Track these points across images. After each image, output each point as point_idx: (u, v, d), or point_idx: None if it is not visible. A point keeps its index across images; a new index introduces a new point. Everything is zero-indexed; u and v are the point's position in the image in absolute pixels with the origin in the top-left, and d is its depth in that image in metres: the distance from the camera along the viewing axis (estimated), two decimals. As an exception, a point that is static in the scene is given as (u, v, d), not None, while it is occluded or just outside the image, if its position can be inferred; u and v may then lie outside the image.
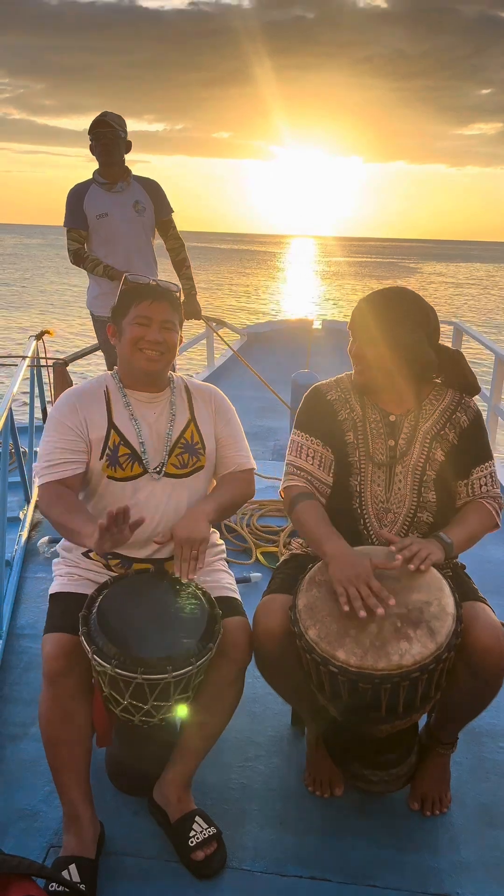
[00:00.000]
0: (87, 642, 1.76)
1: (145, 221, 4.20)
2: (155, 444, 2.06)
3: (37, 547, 3.59)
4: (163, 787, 1.97)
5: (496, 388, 5.35)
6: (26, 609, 3.07)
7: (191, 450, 2.08)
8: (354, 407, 2.05)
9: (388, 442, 2.01)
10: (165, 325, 2.02)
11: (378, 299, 1.95)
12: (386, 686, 1.63)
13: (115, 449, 2.02)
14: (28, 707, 2.44)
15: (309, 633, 1.73)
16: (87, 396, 2.07)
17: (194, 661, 1.73)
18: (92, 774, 1.93)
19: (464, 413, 2.02)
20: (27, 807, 2.06)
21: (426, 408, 2.03)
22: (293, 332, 9.22)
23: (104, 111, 4.10)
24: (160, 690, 1.72)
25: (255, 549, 3.60)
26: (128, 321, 2.03)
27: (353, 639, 1.68)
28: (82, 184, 4.17)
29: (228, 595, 2.07)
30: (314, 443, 2.05)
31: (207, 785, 2.13)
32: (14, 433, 3.91)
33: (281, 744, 2.34)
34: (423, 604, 1.72)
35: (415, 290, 2.00)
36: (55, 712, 1.86)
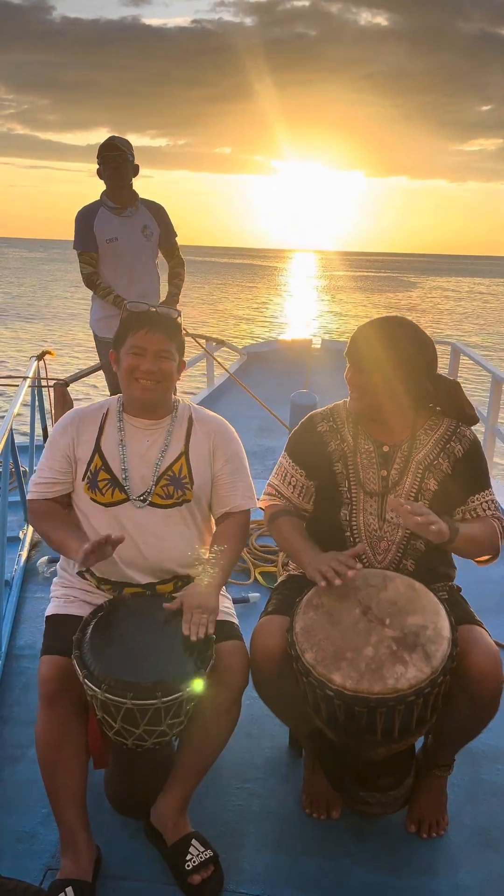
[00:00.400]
0: (78, 666, 1.77)
1: (152, 246, 4.26)
2: (142, 472, 2.06)
3: (36, 566, 3.60)
4: (159, 809, 1.97)
5: (493, 408, 5.37)
6: (25, 629, 3.07)
7: (177, 483, 2.07)
8: (346, 437, 2.06)
9: (381, 472, 2.02)
10: (161, 354, 2.04)
11: (376, 328, 1.96)
12: (381, 710, 1.65)
13: (95, 472, 2.05)
14: (27, 728, 2.44)
15: (306, 656, 1.74)
16: (83, 418, 2.13)
17: (184, 686, 1.74)
18: (89, 796, 1.93)
19: (458, 442, 2.03)
20: (25, 829, 2.06)
21: (421, 437, 2.04)
22: (293, 351, 9.25)
23: (112, 135, 4.16)
24: (151, 716, 1.73)
25: (253, 568, 3.61)
26: (125, 350, 2.06)
27: (349, 662, 1.69)
28: (91, 206, 4.21)
29: (225, 619, 2.08)
30: (298, 472, 2.12)
31: (204, 807, 2.13)
32: (14, 453, 3.93)
33: (278, 766, 2.34)
34: (419, 627, 1.74)
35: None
36: (51, 734, 1.87)
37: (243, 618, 2.21)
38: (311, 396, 5.22)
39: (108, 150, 4.05)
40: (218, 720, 1.93)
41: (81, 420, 2.12)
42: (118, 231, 4.15)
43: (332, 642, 1.74)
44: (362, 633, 1.74)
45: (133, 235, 4.18)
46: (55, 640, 1.95)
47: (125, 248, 4.16)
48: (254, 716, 2.40)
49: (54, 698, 1.86)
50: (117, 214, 4.16)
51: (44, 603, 3.22)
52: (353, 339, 1.99)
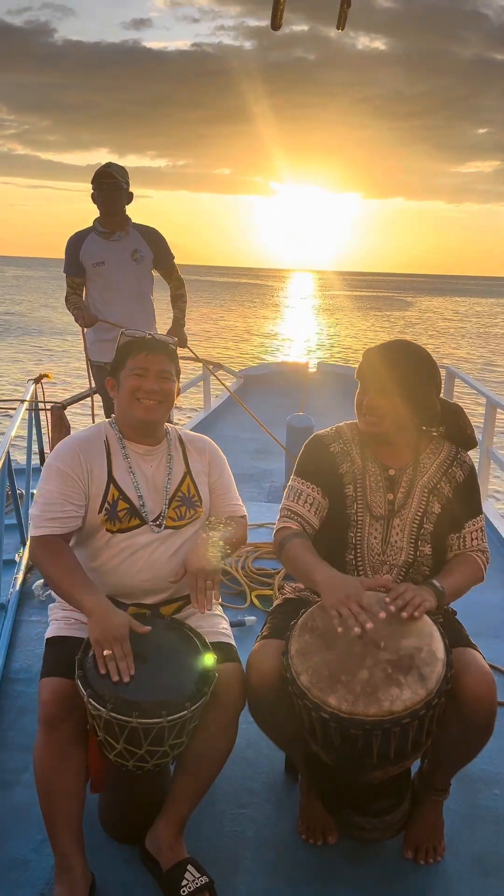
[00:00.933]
0: (82, 686, 1.77)
1: (143, 270, 4.30)
2: (153, 497, 2.09)
3: (32, 590, 3.59)
4: (155, 834, 1.95)
5: (488, 431, 5.40)
6: (21, 653, 3.06)
7: (188, 502, 2.12)
8: (355, 460, 2.07)
9: (388, 496, 2.03)
10: (162, 374, 2.06)
11: (390, 350, 1.97)
12: (377, 732, 1.65)
13: (114, 503, 2.04)
14: (21, 753, 2.43)
15: (301, 678, 1.74)
16: (89, 446, 2.08)
17: (189, 705, 1.74)
18: (85, 821, 1.91)
19: (459, 468, 2.06)
20: (18, 856, 2.04)
21: (424, 461, 2.05)
22: (289, 374, 9.31)
23: (108, 162, 4.22)
24: (154, 735, 1.73)
25: (249, 592, 3.61)
26: (125, 373, 2.07)
27: (344, 685, 1.69)
28: (81, 232, 4.29)
29: (223, 640, 2.09)
30: (313, 489, 2.07)
31: (200, 832, 2.11)
32: (11, 475, 3.94)
33: (274, 790, 2.33)
34: (414, 650, 1.74)
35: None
36: (51, 758, 1.85)
37: (239, 641, 2.21)
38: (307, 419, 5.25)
39: (103, 177, 4.11)
40: (215, 743, 1.93)
41: (87, 449, 2.07)
42: (105, 255, 4.22)
43: (327, 665, 1.74)
44: (357, 656, 1.74)
45: (120, 259, 4.23)
46: (56, 662, 1.94)
47: (111, 272, 4.22)
48: (250, 740, 2.39)
49: (54, 722, 1.85)
50: (105, 238, 4.23)
51: (40, 626, 3.22)
52: (366, 362, 1.98)
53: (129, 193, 4.23)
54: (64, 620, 2.10)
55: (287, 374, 9.34)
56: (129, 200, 4.25)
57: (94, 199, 4.20)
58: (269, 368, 9.92)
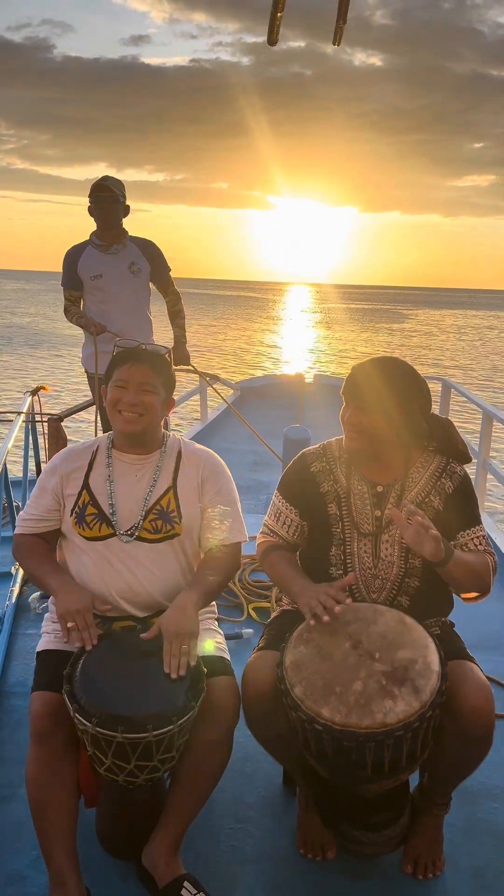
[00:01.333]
0: (69, 700, 1.76)
1: (140, 282, 4.32)
2: (130, 507, 2.08)
3: (28, 603, 3.57)
4: (151, 850, 1.93)
5: (485, 443, 5.40)
6: (17, 666, 3.04)
7: (165, 517, 2.08)
8: (339, 478, 2.07)
9: (375, 512, 2.03)
10: (143, 387, 2.06)
11: (374, 366, 1.98)
12: (370, 744, 1.63)
13: (83, 507, 2.07)
14: (16, 767, 2.41)
15: (295, 690, 1.73)
16: (73, 456, 2.16)
17: (175, 719, 1.73)
18: (79, 837, 1.90)
19: (449, 479, 2.04)
20: (13, 871, 2.03)
21: (413, 476, 2.04)
22: (286, 386, 9.33)
23: (105, 175, 4.25)
24: (142, 750, 1.71)
25: (246, 604, 3.59)
26: (110, 385, 2.10)
27: (338, 696, 1.68)
28: (78, 246, 4.31)
29: (216, 655, 2.07)
30: (291, 511, 2.13)
31: (196, 848, 2.09)
32: (7, 487, 3.93)
33: (272, 804, 2.31)
34: (409, 661, 1.73)
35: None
36: (42, 772, 1.85)
37: (236, 654, 2.20)
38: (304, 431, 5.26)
39: (100, 191, 4.13)
40: (209, 757, 1.92)
41: (70, 458, 2.16)
42: (102, 268, 4.24)
43: (321, 676, 1.73)
44: (352, 668, 1.74)
45: (118, 271, 4.25)
46: (46, 675, 1.94)
47: (109, 284, 4.24)
48: (247, 753, 2.37)
49: (45, 735, 1.85)
50: (103, 251, 4.25)
51: (35, 639, 3.19)
52: (350, 378, 1.99)
53: (126, 206, 4.25)
54: (54, 633, 2.10)
55: (284, 386, 9.36)
56: (126, 213, 4.27)
57: (90, 212, 4.23)
58: (265, 380, 9.94)
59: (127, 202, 4.25)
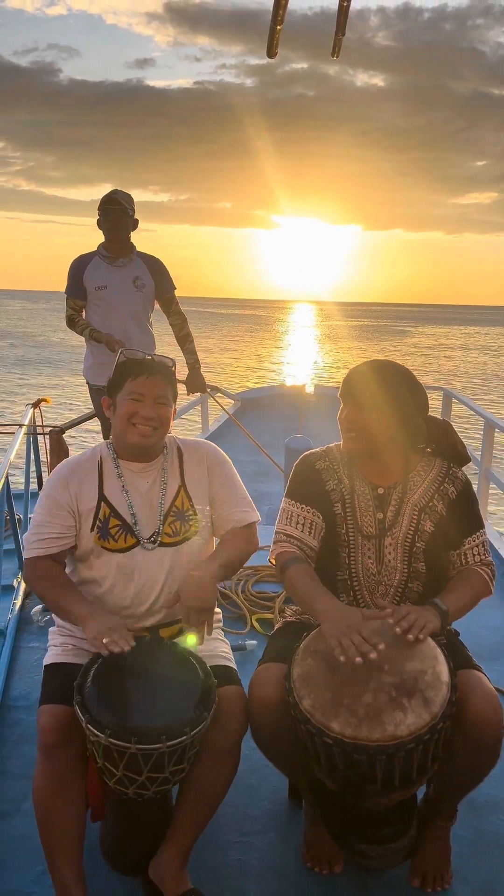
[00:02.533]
0: (80, 711, 1.75)
1: (144, 297, 4.32)
2: (148, 514, 2.08)
3: (31, 616, 3.56)
4: (158, 864, 1.92)
5: (486, 452, 5.39)
6: (20, 680, 3.03)
7: (181, 517, 2.09)
8: (343, 479, 2.07)
9: (377, 515, 2.03)
10: (159, 400, 2.06)
11: (370, 367, 2.00)
12: (381, 757, 1.62)
13: (105, 521, 2.05)
14: (21, 782, 2.39)
15: (304, 703, 1.72)
16: (79, 469, 2.11)
17: (188, 730, 1.72)
18: (86, 852, 1.88)
19: (451, 484, 2.04)
20: (19, 887, 2.01)
21: (414, 479, 2.05)
22: (286, 397, 9.33)
23: (115, 189, 4.25)
24: (154, 761, 1.70)
25: (249, 616, 3.57)
26: (122, 396, 2.07)
27: (347, 709, 1.67)
28: (86, 255, 4.31)
29: (224, 664, 2.07)
30: (304, 510, 2.06)
31: (203, 861, 2.08)
32: (10, 500, 3.92)
33: (279, 817, 2.29)
34: (418, 672, 1.73)
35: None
36: (50, 786, 1.83)
37: (240, 665, 2.19)
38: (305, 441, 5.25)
39: (110, 203, 4.15)
40: (217, 769, 1.90)
41: (78, 472, 2.10)
42: (107, 279, 4.24)
43: (330, 689, 1.72)
44: (361, 680, 1.72)
45: (123, 284, 4.26)
46: (55, 689, 1.93)
47: (113, 296, 4.24)
48: (253, 766, 2.36)
49: (54, 749, 1.83)
50: (109, 263, 4.25)
51: (39, 652, 3.19)
52: (347, 379, 2.01)
53: (135, 220, 4.27)
54: (62, 646, 2.09)
55: (284, 397, 9.36)
56: (135, 227, 4.29)
57: (99, 225, 4.23)
58: (266, 391, 9.94)
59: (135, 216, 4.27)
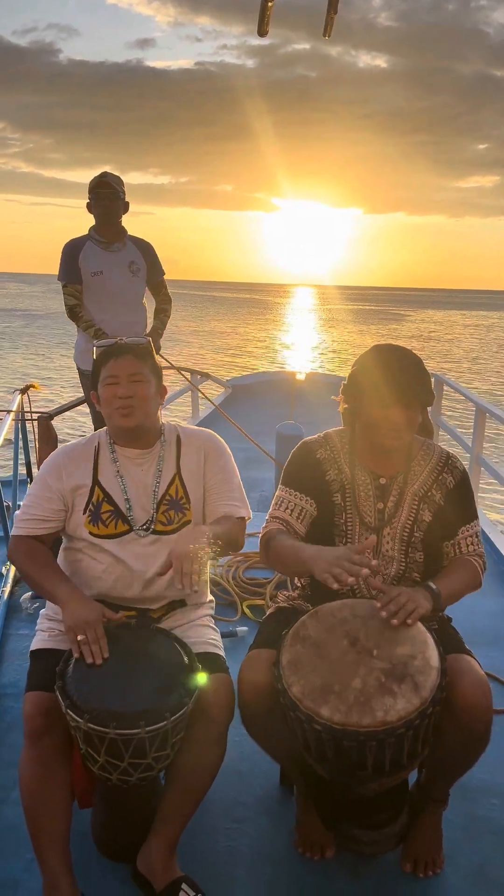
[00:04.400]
0: (61, 696, 1.74)
1: (139, 281, 4.28)
2: (142, 501, 2.05)
3: (20, 603, 3.53)
4: (147, 853, 1.91)
5: (478, 438, 5.39)
6: (9, 667, 3.01)
7: (175, 506, 2.07)
8: (343, 468, 2.03)
9: (377, 505, 2.00)
10: (134, 377, 2.02)
11: (392, 357, 1.88)
12: (371, 743, 1.61)
13: (97, 505, 2.03)
14: (9, 770, 2.37)
15: (292, 689, 1.70)
16: (75, 454, 2.09)
17: (169, 715, 1.70)
18: (74, 840, 1.87)
19: (450, 474, 2.02)
20: (7, 875, 1.99)
21: (415, 468, 2.02)
22: (278, 383, 9.30)
23: (104, 171, 4.19)
24: (135, 747, 1.69)
25: (240, 602, 3.56)
26: (101, 385, 2.05)
27: (336, 695, 1.66)
28: (78, 239, 4.23)
29: (211, 651, 2.05)
30: (298, 497, 2.03)
31: (193, 849, 2.06)
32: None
33: (269, 804, 2.28)
34: (408, 657, 1.71)
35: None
36: (35, 773, 1.82)
37: (231, 651, 2.17)
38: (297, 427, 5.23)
39: (100, 186, 4.09)
40: (204, 756, 1.89)
41: (72, 457, 2.08)
42: (103, 265, 4.17)
43: (319, 675, 1.70)
44: (350, 665, 1.71)
45: (119, 270, 4.20)
46: (40, 675, 1.91)
47: (110, 282, 4.18)
48: (243, 752, 2.34)
49: (39, 736, 1.82)
50: (104, 249, 4.19)
51: (27, 640, 3.15)
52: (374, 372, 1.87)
53: (126, 203, 4.22)
54: (48, 631, 2.07)
55: (276, 384, 9.33)
56: (126, 210, 4.24)
57: (89, 208, 4.17)
58: (257, 378, 9.91)
59: (126, 199, 4.21)
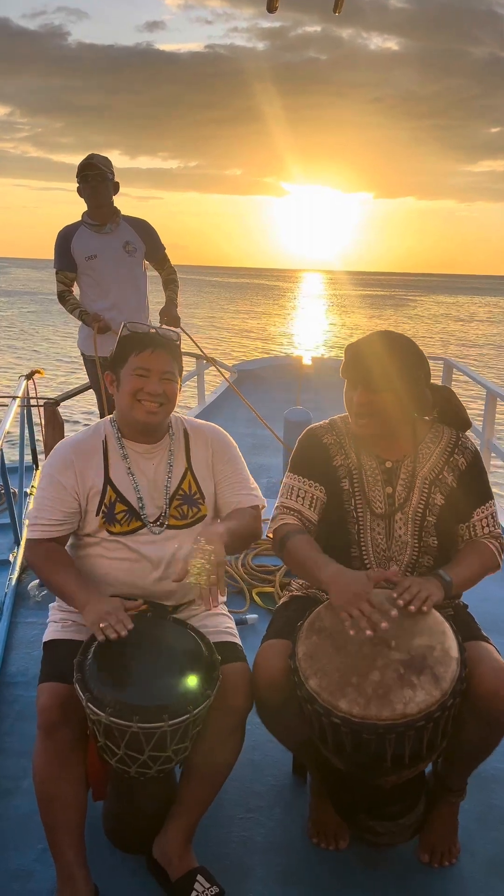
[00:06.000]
0: (80, 689, 1.71)
1: (136, 261, 4.24)
2: (154, 497, 2.02)
3: (27, 590, 3.51)
4: (163, 843, 1.90)
5: (488, 423, 5.35)
6: (17, 656, 2.99)
7: (189, 501, 2.03)
8: (350, 454, 2.00)
9: (386, 489, 1.97)
10: (165, 375, 1.97)
11: (376, 343, 1.90)
12: (390, 736, 1.59)
13: (111, 505, 1.99)
14: (20, 759, 2.36)
15: (309, 682, 1.68)
16: (83, 449, 2.03)
17: (191, 708, 1.68)
18: (87, 831, 1.86)
19: (461, 455, 1.99)
20: (20, 867, 1.98)
21: (423, 451, 1.99)
22: (284, 368, 9.23)
23: (91, 153, 4.13)
24: (156, 740, 1.67)
25: (249, 590, 3.53)
26: (126, 371, 1.98)
27: (355, 688, 1.63)
28: (71, 226, 4.21)
29: (228, 640, 2.03)
30: (307, 483, 2.00)
31: (207, 839, 2.05)
32: (4, 474, 3.86)
33: (283, 793, 2.27)
34: (426, 648, 1.68)
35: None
36: (50, 765, 1.80)
37: (242, 639, 2.15)
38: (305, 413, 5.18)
39: (87, 168, 4.03)
40: (222, 746, 1.87)
41: (82, 453, 2.02)
42: (97, 248, 4.14)
43: (336, 667, 1.68)
44: (368, 657, 1.68)
45: (113, 252, 4.16)
46: (54, 666, 1.89)
47: (104, 265, 4.15)
48: (256, 742, 2.33)
49: (54, 728, 1.79)
50: (97, 232, 4.15)
51: (36, 628, 3.15)
52: (352, 358, 1.89)
53: (116, 183, 4.17)
54: (62, 622, 2.04)
55: (281, 369, 9.26)
56: (116, 190, 4.19)
57: (80, 192, 4.13)
58: (263, 363, 9.84)
59: (116, 179, 4.16)
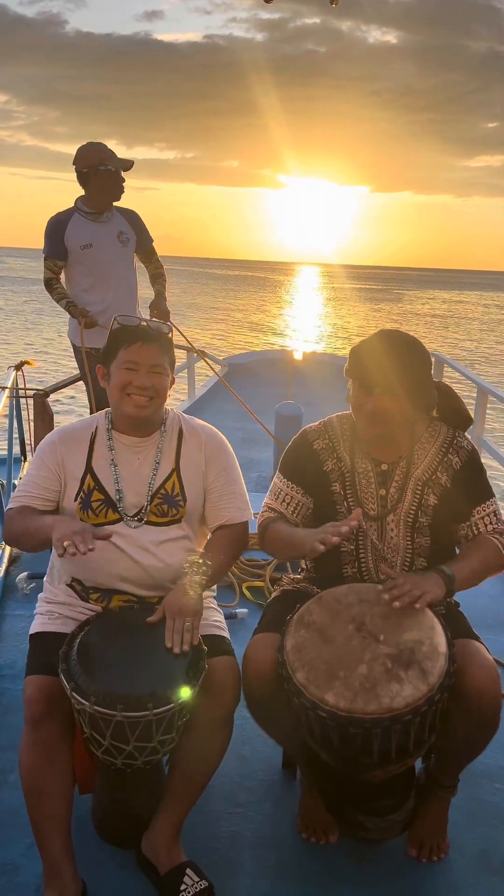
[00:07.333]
0: (65, 679, 1.71)
1: (129, 251, 4.22)
2: (136, 491, 2.01)
3: (15, 583, 3.49)
4: (151, 837, 1.89)
5: (479, 419, 5.35)
6: (4, 648, 2.97)
7: (170, 501, 2.01)
8: (343, 456, 1.99)
9: (380, 492, 1.96)
10: (154, 369, 1.96)
11: (384, 343, 1.85)
12: (377, 731, 1.58)
13: (88, 493, 1.98)
14: (6, 753, 2.34)
15: (297, 675, 1.67)
16: (71, 436, 2.05)
17: (176, 698, 1.68)
18: (75, 825, 1.84)
19: (456, 454, 1.97)
20: (7, 861, 1.97)
21: (419, 452, 1.97)
22: (274, 362, 9.21)
23: (106, 147, 4.02)
24: (141, 730, 1.66)
25: (239, 584, 3.52)
26: (116, 365, 1.97)
27: (342, 681, 1.62)
28: (64, 213, 4.13)
29: (216, 633, 2.02)
30: (293, 489, 2.03)
31: (196, 833, 2.04)
32: None
33: (272, 788, 2.26)
34: (415, 643, 1.67)
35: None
36: (37, 758, 1.79)
37: (232, 634, 2.14)
38: (296, 407, 5.17)
39: (106, 162, 3.96)
40: (210, 739, 1.86)
41: (69, 439, 2.04)
42: (93, 237, 4.09)
43: (324, 661, 1.67)
44: (356, 651, 1.67)
45: (108, 241, 4.13)
46: (40, 659, 1.88)
47: (100, 254, 4.11)
48: (246, 736, 2.32)
49: (40, 721, 1.78)
50: (92, 220, 4.10)
51: (24, 620, 3.13)
52: (362, 361, 1.85)
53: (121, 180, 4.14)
54: (48, 615, 2.04)
55: (272, 363, 9.24)
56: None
57: (84, 181, 4.01)
58: (254, 356, 9.82)
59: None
